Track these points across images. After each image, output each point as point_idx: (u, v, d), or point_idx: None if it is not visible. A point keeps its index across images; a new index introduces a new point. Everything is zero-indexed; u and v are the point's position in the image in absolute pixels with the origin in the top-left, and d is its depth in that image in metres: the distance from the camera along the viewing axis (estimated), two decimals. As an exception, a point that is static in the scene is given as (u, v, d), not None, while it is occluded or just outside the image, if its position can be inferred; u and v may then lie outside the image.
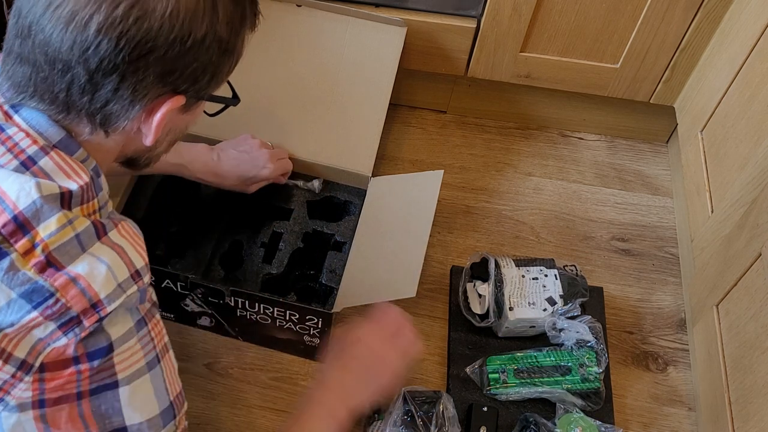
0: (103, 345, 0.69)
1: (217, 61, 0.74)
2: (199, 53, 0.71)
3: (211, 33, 0.71)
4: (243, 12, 0.75)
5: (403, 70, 1.51)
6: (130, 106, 0.72)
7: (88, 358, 0.69)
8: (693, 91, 1.42)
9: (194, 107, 0.79)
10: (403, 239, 1.25)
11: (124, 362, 0.71)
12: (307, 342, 1.25)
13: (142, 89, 0.71)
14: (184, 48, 0.70)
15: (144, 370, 0.73)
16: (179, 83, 0.73)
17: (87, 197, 0.72)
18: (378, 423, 1.20)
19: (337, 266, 1.24)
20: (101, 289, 0.68)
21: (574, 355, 1.25)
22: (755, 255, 1.08)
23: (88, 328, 0.68)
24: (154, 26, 0.68)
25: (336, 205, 1.32)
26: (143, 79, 0.70)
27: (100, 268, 0.69)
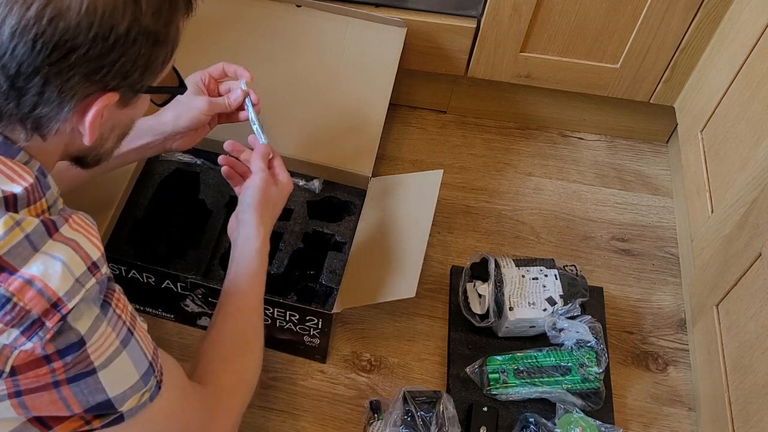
0: (73, 341, 0.68)
1: (147, 53, 0.72)
2: (125, 48, 0.69)
3: (135, 26, 0.69)
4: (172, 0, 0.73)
5: (403, 70, 1.51)
6: (59, 108, 0.70)
7: (60, 356, 0.68)
8: (693, 91, 1.42)
9: (134, 101, 0.77)
10: (403, 239, 1.25)
11: (98, 350, 0.70)
12: (307, 342, 1.25)
13: (69, 90, 0.69)
14: (107, 44, 0.68)
15: (120, 349, 0.72)
16: (108, 80, 0.70)
17: (34, 198, 0.70)
18: (378, 423, 1.20)
19: (337, 266, 1.24)
20: (59, 287, 0.66)
21: (574, 355, 1.25)
22: (755, 255, 1.08)
23: (53, 329, 0.66)
24: (71, 24, 0.66)
25: (336, 205, 1.32)
26: (69, 80, 0.68)
27: (56, 265, 0.67)
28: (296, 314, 1.18)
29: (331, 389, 1.28)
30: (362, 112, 1.35)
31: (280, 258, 1.23)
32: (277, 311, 1.18)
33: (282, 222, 1.27)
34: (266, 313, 1.19)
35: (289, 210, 1.28)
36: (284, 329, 1.23)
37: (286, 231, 1.26)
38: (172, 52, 0.76)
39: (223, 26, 1.39)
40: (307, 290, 1.26)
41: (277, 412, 1.25)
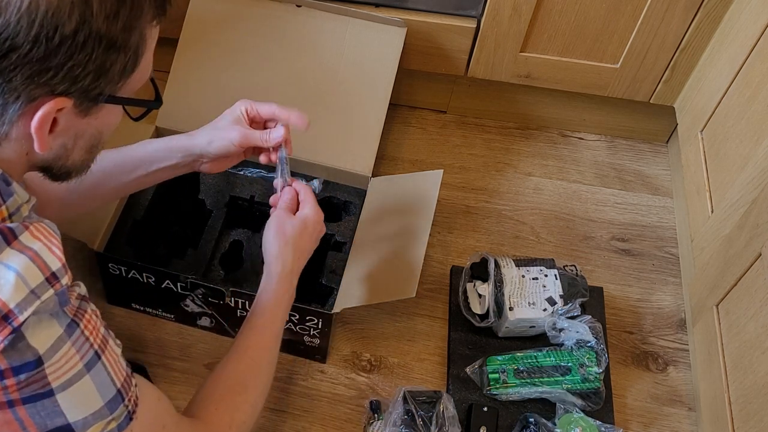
0: (29, 359, 0.65)
1: (100, 58, 0.67)
2: (72, 51, 0.65)
3: (84, 28, 0.65)
4: (133, 4, 0.68)
5: (403, 70, 1.51)
6: (3, 109, 0.67)
7: (14, 373, 0.65)
8: (693, 91, 1.42)
9: (96, 110, 0.73)
10: (403, 239, 1.25)
11: (57, 371, 0.68)
12: (307, 342, 1.25)
13: (12, 91, 0.66)
14: (51, 45, 0.64)
15: (83, 372, 0.70)
16: (55, 84, 0.67)
17: None
18: (378, 423, 1.20)
19: (337, 266, 1.24)
20: (10, 298, 0.64)
21: (574, 355, 1.25)
22: (755, 255, 1.08)
23: (3, 342, 0.64)
24: (11, 21, 0.62)
25: (336, 205, 1.32)
26: (11, 80, 0.65)
27: (8, 276, 0.64)
28: (296, 314, 1.18)
29: (331, 389, 1.28)
30: (362, 112, 1.36)
31: None
32: None
33: None
34: None
35: None
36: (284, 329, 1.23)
37: None
38: (136, 60, 0.72)
39: (223, 26, 1.39)
40: (307, 290, 1.26)
41: (277, 412, 1.25)
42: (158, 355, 1.29)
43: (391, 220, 1.28)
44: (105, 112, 0.74)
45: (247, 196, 1.30)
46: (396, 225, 1.27)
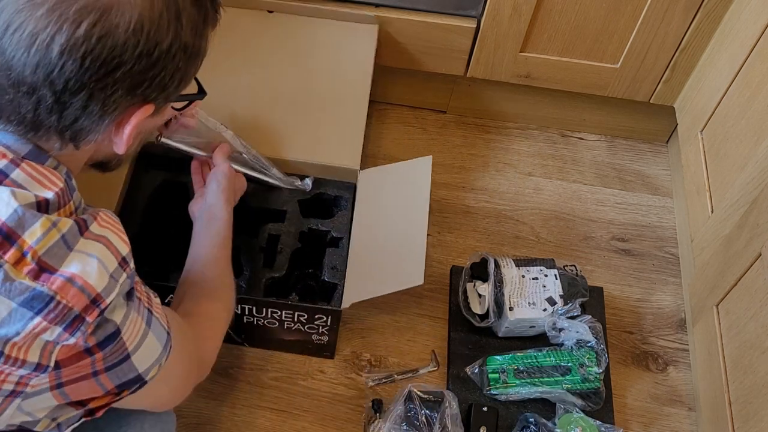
0: (111, 332, 0.71)
1: (184, 66, 0.74)
2: (166, 62, 0.72)
3: (176, 42, 0.71)
4: (205, 13, 0.75)
5: (403, 70, 1.51)
6: (100, 120, 0.72)
7: (101, 347, 0.71)
8: (693, 91, 1.42)
9: (164, 109, 0.80)
10: (402, 228, 1.24)
11: (131, 336, 0.74)
12: (315, 341, 1.25)
13: (112, 104, 0.71)
14: (151, 60, 0.70)
15: (146, 330, 0.76)
16: (148, 93, 0.73)
17: (63, 201, 0.72)
18: (379, 422, 1.20)
19: (337, 262, 1.23)
20: (97, 283, 0.69)
21: (574, 355, 1.25)
22: (755, 255, 1.08)
23: (93, 323, 0.69)
24: (119, 42, 0.67)
25: (327, 201, 1.31)
26: (112, 94, 0.70)
27: (92, 263, 0.69)
28: (305, 314, 1.18)
29: (331, 389, 1.28)
30: (344, 108, 1.35)
31: (281, 260, 1.23)
32: (285, 313, 1.18)
33: (277, 224, 1.26)
34: (274, 316, 1.19)
35: (282, 211, 1.28)
36: (292, 330, 1.22)
37: (282, 232, 1.25)
38: (202, 62, 0.79)
39: None
40: (308, 289, 1.26)
41: (277, 412, 1.25)
42: (158, 355, 1.29)
43: (387, 210, 1.27)
44: (167, 109, 0.82)
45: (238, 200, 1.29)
46: (392, 214, 1.26)
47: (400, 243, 1.23)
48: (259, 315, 1.19)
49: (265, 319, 1.20)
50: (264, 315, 1.19)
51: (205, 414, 1.24)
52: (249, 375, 1.28)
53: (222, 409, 1.25)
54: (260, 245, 1.24)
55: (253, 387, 1.27)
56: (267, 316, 1.19)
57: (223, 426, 1.23)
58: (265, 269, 1.22)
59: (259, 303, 1.17)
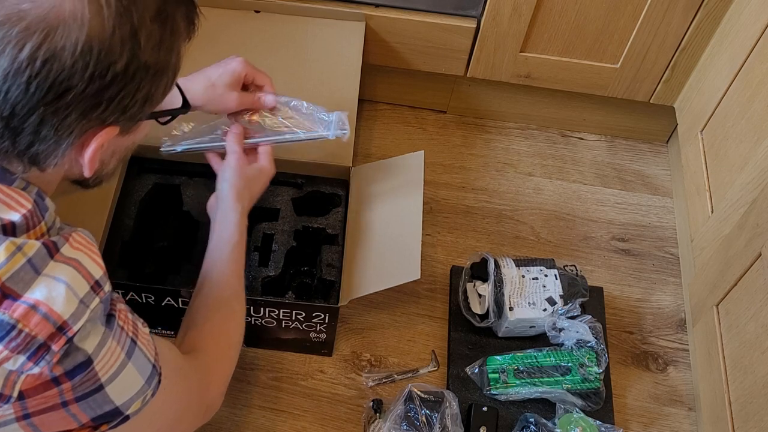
0: (81, 361, 0.68)
1: (146, 86, 0.70)
2: (123, 83, 0.68)
3: (134, 62, 0.67)
4: (173, 27, 0.71)
5: (403, 70, 1.51)
6: (57, 145, 0.68)
7: (69, 377, 0.67)
8: (693, 91, 1.42)
9: (136, 127, 0.76)
10: (397, 223, 1.24)
11: (105, 366, 0.70)
12: (313, 339, 1.25)
13: (66, 128, 0.67)
14: (104, 82, 0.66)
15: (125, 361, 0.72)
16: (106, 116, 0.69)
17: (33, 223, 0.69)
18: (378, 421, 1.20)
19: (333, 259, 1.23)
20: (64, 310, 0.66)
21: (574, 355, 1.25)
22: (755, 255, 1.08)
23: (59, 352, 0.66)
24: (66, 65, 0.64)
25: (320, 198, 1.31)
26: (65, 118, 0.67)
27: (59, 288, 0.66)
28: (302, 312, 1.18)
29: (331, 389, 1.28)
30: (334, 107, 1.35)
31: (276, 259, 1.23)
32: (282, 312, 1.18)
33: (271, 223, 1.26)
34: (271, 315, 1.19)
35: (276, 210, 1.27)
36: (290, 329, 1.22)
37: (277, 231, 1.25)
38: (173, 78, 0.75)
39: None
40: (304, 287, 1.26)
41: (277, 412, 1.25)
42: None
43: (382, 205, 1.27)
44: (142, 126, 0.78)
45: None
46: (387, 209, 1.26)
47: (396, 238, 1.23)
48: (256, 315, 1.19)
49: (262, 318, 1.20)
50: (261, 314, 1.19)
51: (205, 414, 1.24)
52: (249, 375, 1.28)
53: (222, 409, 1.24)
54: (255, 244, 1.24)
55: (252, 387, 1.27)
56: (264, 315, 1.19)
57: (223, 426, 1.23)
58: (260, 268, 1.22)
59: (256, 303, 1.17)
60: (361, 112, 1.56)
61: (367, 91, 1.55)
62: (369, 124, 1.58)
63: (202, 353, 0.94)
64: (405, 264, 1.20)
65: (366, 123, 1.58)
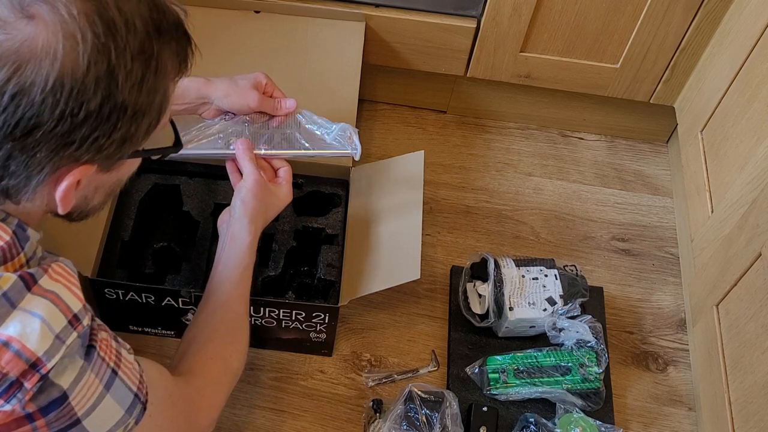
0: (55, 397, 0.66)
1: (124, 126, 0.67)
2: (97, 123, 0.65)
3: (110, 101, 0.64)
4: (158, 66, 0.68)
5: (403, 70, 1.51)
6: (27, 180, 0.66)
7: (43, 413, 0.65)
8: (693, 91, 1.42)
9: (119, 165, 0.73)
10: (397, 223, 1.24)
11: (82, 400, 0.68)
12: (313, 339, 1.25)
13: (36, 164, 0.65)
14: (76, 121, 0.63)
15: (103, 393, 0.70)
16: (80, 155, 0.66)
17: (11, 255, 0.67)
18: (378, 421, 1.20)
19: (333, 259, 1.23)
20: (37, 347, 0.64)
21: (574, 355, 1.25)
22: (755, 255, 1.08)
23: (32, 389, 0.64)
24: (35, 101, 0.62)
25: (320, 198, 1.31)
26: (34, 155, 0.64)
27: (33, 324, 0.64)
28: (302, 312, 1.18)
29: (331, 389, 1.28)
30: (334, 106, 1.35)
31: (276, 259, 1.23)
32: (282, 312, 1.18)
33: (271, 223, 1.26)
34: (272, 315, 1.19)
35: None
36: (290, 329, 1.22)
37: (277, 231, 1.25)
38: (159, 117, 0.72)
39: None
40: (304, 287, 1.26)
41: (277, 412, 1.25)
42: (158, 354, 1.29)
43: (381, 205, 1.27)
44: (127, 164, 0.75)
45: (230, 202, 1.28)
46: (387, 209, 1.26)
47: (396, 238, 1.23)
48: (256, 314, 1.19)
49: (262, 318, 1.20)
50: (262, 314, 1.19)
51: (205, 414, 1.24)
52: (249, 375, 1.28)
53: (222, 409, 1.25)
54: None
55: (252, 387, 1.27)
56: (265, 315, 1.19)
57: (223, 426, 1.23)
58: (260, 268, 1.22)
59: (256, 302, 1.16)
60: (361, 112, 1.56)
61: (367, 91, 1.55)
62: (369, 124, 1.58)
63: (197, 377, 0.91)
64: (405, 264, 1.20)
65: (366, 123, 1.58)
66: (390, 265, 1.21)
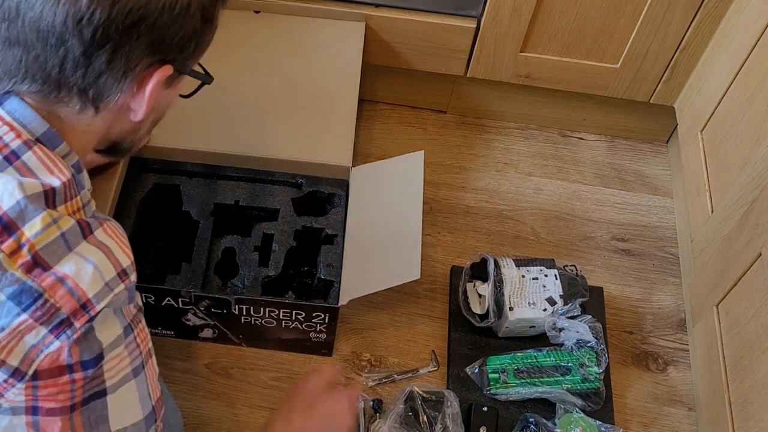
0: (96, 352, 0.69)
1: (200, 29, 0.74)
2: (185, 21, 0.72)
3: (195, 0, 0.72)
4: None
5: (403, 70, 1.51)
6: (123, 77, 0.71)
7: (83, 367, 0.68)
8: (693, 91, 1.42)
9: (177, 81, 0.79)
10: (397, 223, 1.25)
11: (112, 369, 0.71)
12: (313, 339, 1.25)
13: (134, 59, 0.71)
14: (172, 15, 0.70)
15: (130, 376, 0.73)
16: (168, 51, 0.73)
17: (70, 194, 0.72)
18: (378, 421, 1.20)
19: (332, 259, 1.23)
20: (89, 288, 0.68)
21: (574, 355, 1.25)
22: (755, 255, 1.08)
23: (80, 329, 0.67)
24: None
25: (320, 199, 1.31)
26: (135, 49, 0.70)
27: (87, 267, 0.68)
28: (302, 312, 1.18)
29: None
30: (334, 107, 1.35)
31: (276, 259, 1.23)
32: (282, 312, 1.18)
33: (271, 223, 1.27)
34: (272, 315, 1.19)
35: (275, 210, 1.27)
36: (290, 329, 1.22)
37: (277, 231, 1.25)
38: (212, 35, 0.78)
39: None
40: (304, 287, 1.26)
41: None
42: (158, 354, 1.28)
43: (381, 206, 1.27)
44: (180, 84, 0.81)
45: (231, 201, 1.28)
46: (386, 209, 1.27)
47: (396, 238, 1.23)
48: (256, 315, 1.19)
49: (262, 318, 1.20)
50: (261, 314, 1.19)
51: (205, 414, 1.24)
52: (249, 375, 1.28)
53: (222, 409, 1.25)
54: (255, 244, 1.24)
55: (253, 387, 1.27)
56: (264, 315, 1.19)
57: (223, 426, 1.23)
58: (261, 268, 1.22)
59: (256, 303, 1.17)
60: (361, 112, 1.56)
61: (367, 91, 1.55)
62: (369, 124, 1.58)
63: None
64: (405, 264, 1.20)
65: (366, 123, 1.58)
66: (390, 265, 1.21)
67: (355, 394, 1.01)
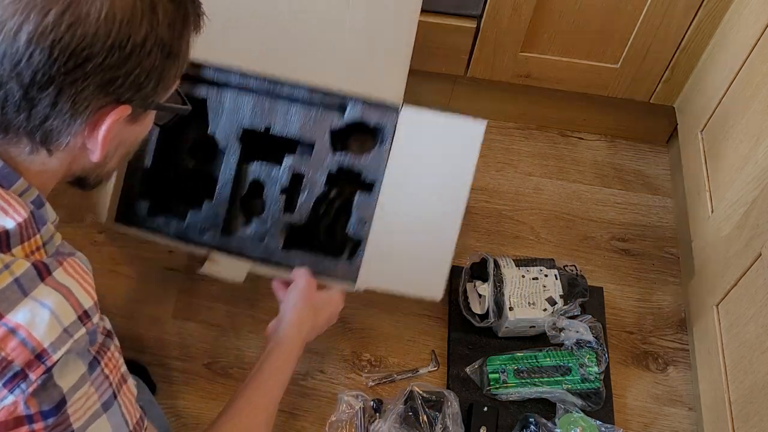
0: (56, 400, 0.65)
1: (161, 65, 0.70)
2: (140, 58, 0.68)
3: (151, 36, 0.68)
4: (185, 13, 0.72)
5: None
6: (72, 120, 0.68)
7: (43, 417, 0.64)
8: (693, 91, 1.42)
9: (143, 117, 0.75)
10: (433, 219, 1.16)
11: (78, 411, 0.67)
12: None
13: (83, 101, 0.67)
14: (123, 54, 0.66)
15: (100, 412, 0.69)
16: (122, 92, 0.69)
17: (27, 234, 0.67)
18: (378, 421, 1.20)
19: (366, 215, 1.14)
20: (44, 337, 0.63)
21: (574, 355, 1.25)
22: (755, 255, 1.08)
23: (36, 381, 0.63)
24: (89, 32, 0.64)
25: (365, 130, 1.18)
26: (82, 90, 0.66)
27: (43, 314, 0.64)
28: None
29: (331, 389, 1.28)
30: (386, 28, 1.20)
31: (304, 206, 1.15)
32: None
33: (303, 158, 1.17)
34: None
35: (310, 145, 1.17)
36: None
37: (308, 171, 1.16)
38: (182, 68, 0.75)
39: None
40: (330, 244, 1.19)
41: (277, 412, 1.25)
42: (158, 354, 1.29)
43: (422, 180, 1.16)
44: (147, 119, 0.77)
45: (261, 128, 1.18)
46: (427, 191, 1.16)
47: (429, 230, 1.15)
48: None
49: None
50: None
51: (205, 414, 1.24)
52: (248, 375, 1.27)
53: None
54: (283, 185, 1.17)
55: (253, 387, 1.27)
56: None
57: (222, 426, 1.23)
58: (285, 213, 1.16)
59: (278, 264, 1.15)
60: (361, 112, 1.56)
61: (367, 91, 1.55)
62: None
63: None
64: (430, 274, 1.16)
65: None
66: (415, 269, 1.17)
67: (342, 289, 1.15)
